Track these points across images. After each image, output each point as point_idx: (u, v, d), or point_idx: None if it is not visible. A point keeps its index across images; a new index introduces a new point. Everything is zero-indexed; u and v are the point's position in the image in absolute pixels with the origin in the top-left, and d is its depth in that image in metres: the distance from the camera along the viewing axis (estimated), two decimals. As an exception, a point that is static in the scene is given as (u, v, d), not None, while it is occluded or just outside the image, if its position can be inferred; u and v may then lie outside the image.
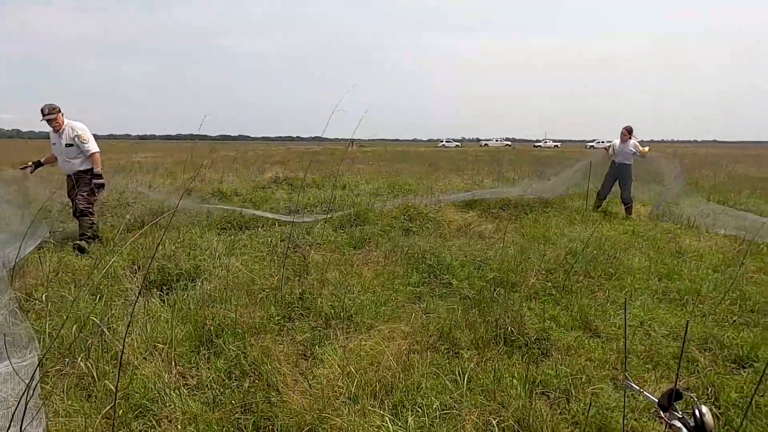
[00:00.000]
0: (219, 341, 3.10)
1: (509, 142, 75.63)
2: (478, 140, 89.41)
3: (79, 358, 2.74)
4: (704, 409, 1.58)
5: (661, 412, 1.74)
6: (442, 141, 74.75)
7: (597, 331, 3.45)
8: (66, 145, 5.35)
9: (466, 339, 3.25)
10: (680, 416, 1.67)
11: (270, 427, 2.39)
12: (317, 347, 3.13)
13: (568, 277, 4.37)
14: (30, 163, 5.56)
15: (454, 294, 4.16)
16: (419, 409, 2.47)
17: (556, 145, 68.59)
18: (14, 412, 1.69)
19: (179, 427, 2.33)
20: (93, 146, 5.43)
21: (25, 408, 1.66)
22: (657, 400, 1.77)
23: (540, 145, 68.05)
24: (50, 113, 5.23)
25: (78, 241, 5.25)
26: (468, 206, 7.91)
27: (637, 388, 1.97)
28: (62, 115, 5.35)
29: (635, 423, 2.40)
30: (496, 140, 76.65)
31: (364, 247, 5.49)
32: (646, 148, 8.15)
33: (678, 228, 6.83)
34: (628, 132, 8.00)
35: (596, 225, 6.81)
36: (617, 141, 8.14)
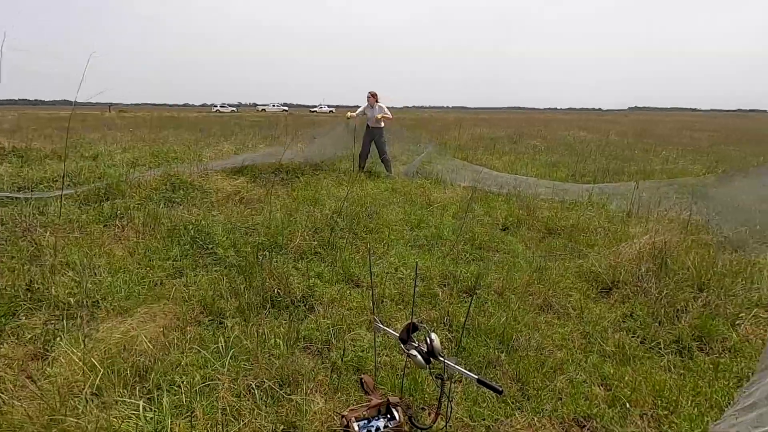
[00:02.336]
0: None
1: (286, 108, 75.45)
2: (255, 105, 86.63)
3: None
4: (433, 336, 1.78)
5: (402, 345, 1.90)
6: (216, 106, 70.01)
7: (358, 281, 3.69)
8: None
9: (231, 307, 3.15)
10: (416, 345, 1.86)
11: (-20, 450, 1.98)
12: (52, 343, 2.70)
13: (333, 235, 4.53)
14: None
15: (219, 263, 3.96)
16: (177, 388, 2.31)
17: (331, 111, 70.90)
18: None
19: None
20: None
21: None
22: (398, 335, 1.93)
23: (316, 111, 69.65)
24: None
25: None
26: (238, 172, 7.62)
27: (384, 327, 2.12)
28: None
29: (386, 358, 2.65)
30: (274, 105, 75.56)
31: (116, 223, 4.85)
32: (389, 115, 8.90)
33: (429, 183, 7.80)
34: (372, 96, 8.63)
35: (361, 184, 7.28)
36: (367, 105, 8.73)
